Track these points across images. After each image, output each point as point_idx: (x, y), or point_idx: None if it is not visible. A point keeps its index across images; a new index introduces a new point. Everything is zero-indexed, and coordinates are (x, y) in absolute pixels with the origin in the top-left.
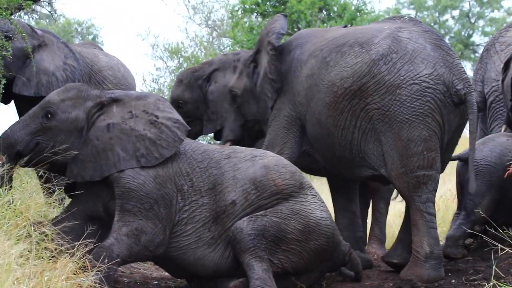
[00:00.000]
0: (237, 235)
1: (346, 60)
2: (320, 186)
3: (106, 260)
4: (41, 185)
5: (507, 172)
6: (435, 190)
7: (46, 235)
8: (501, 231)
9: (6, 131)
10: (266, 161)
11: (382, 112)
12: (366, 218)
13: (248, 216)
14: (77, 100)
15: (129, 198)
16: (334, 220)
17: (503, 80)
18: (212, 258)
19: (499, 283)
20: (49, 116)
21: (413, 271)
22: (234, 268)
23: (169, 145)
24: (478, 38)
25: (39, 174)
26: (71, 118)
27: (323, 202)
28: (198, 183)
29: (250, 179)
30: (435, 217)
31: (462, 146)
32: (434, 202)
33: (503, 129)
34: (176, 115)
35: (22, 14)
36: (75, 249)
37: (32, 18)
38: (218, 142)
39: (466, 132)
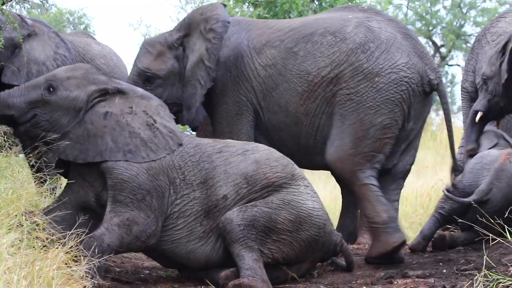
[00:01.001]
0: (227, 225)
1: (320, 49)
2: (312, 176)
3: (96, 250)
4: (33, 174)
5: (500, 161)
6: (378, 171)
7: (37, 225)
8: (492, 221)
9: (3, 92)
10: (258, 156)
11: (352, 97)
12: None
13: (238, 207)
14: (82, 81)
15: (122, 189)
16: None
17: (500, 64)
18: (204, 251)
19: (490, 273)
20: (51, 89)
21: (377, 243)
22: (225, 260)
23: (158, 150)
24: (470, 28)
25: (31, 164)
26: (71, 96)
27: (316, 192)
28: (190, 177)
29: (242, 174)
30: (379, 189)
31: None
32: (377, 179)
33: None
34: (173, 126)
35: (13, 4)
36: (66, 239)
37: (24, 8)
38: None
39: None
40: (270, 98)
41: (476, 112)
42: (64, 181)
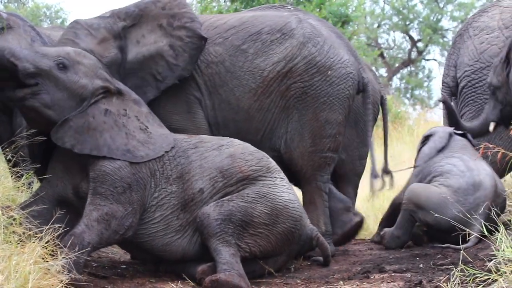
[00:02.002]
0: (204, 220)
1: (270, 47)
2: None
3: (77, 248)
4: (9, 169)
5: (478, 154)
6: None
7: (14, 219)
8: (468, 216)
9: (13, 44)
10: (232, 150)
11: (306, 91)
12: None
13: (214, 202)
14: (90, 72)
15: (103, 181)
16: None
17: (507, 74)
18: (180, 244)
19: (467, 268)
20: (62, 67)
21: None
22: (201, 254)
23: (155, 149)
24: (446, 23)
25: (7, 158)
26: (80, 83)
27: (291, 185)
28: (167, 171)
29: (217, 168)
30: (327, 198)
31: None
32: (329, 183)
33: (491, 126)
34: (165, 130)
35: None
36: (43, 233)
37: (1, 2)
38: None
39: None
40: (216, 96)
41: (489, 122)
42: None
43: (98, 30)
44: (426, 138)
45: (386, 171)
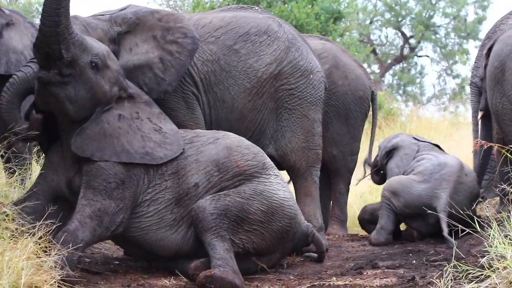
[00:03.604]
0: (199, 214)
1: (261, 48)
2: None
3: (70, 245)
4: (3, 164)
5: (473, 149)
6: None
7: (7, 215)
8: (461, 212)
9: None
10: (229, 142)
11: (293, 92)
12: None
13: (210, 195)
14: (113, 78)
15: (97, 175)
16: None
17: (485, 66)
18: (174, 239)
19: (460, 264)
20: (94, 66)
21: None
22: (195, 249)
23: (172, 149)
24: (439, 20)
25: (0, 154)
26: (103, 89)
27: (286, 182)
28: (162, 167)
29: (213, 161)
30: None
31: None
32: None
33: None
34: (176, 128)
35: None
36: (36, 229)
37: None
38: None
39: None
40: (211, 94)
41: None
42: (34, 173)
43: (96, 30)
44: (390, 152)
45: (368, 162)
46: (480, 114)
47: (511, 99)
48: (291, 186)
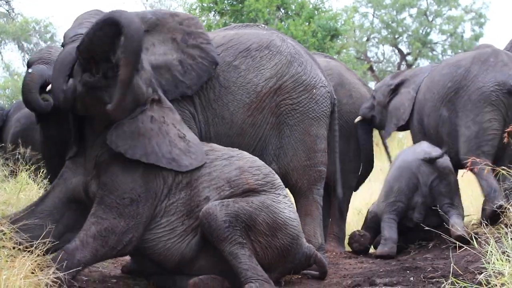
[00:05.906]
0: (211, 222)
1: (261, 62)
2: None
3: (65, 264)
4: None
5: (466, 170)
6: None
7: (4, 234)
8: (459, 229)
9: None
10: (242, 163)
11: (295, 107)
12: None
13: (219, 201)
14: (148, 80)
15: (111, 190)
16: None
17: (389, 101)
18: (179, 248)
19: (458, 281)
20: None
21: None
22: (196, 254)
23: (197, 158)
24: (436, 36)
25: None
26: (141, 90)
27: (293, 204)
28: (179, 178)
29: (225, 179)
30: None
31: None
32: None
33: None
34: (197, 138)
35: None
36: (33, 247)
37: None
38: None
39: None
40: (210, 111)
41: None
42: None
43: None
44: None
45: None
46: (358, 118)
47: None
48: None
